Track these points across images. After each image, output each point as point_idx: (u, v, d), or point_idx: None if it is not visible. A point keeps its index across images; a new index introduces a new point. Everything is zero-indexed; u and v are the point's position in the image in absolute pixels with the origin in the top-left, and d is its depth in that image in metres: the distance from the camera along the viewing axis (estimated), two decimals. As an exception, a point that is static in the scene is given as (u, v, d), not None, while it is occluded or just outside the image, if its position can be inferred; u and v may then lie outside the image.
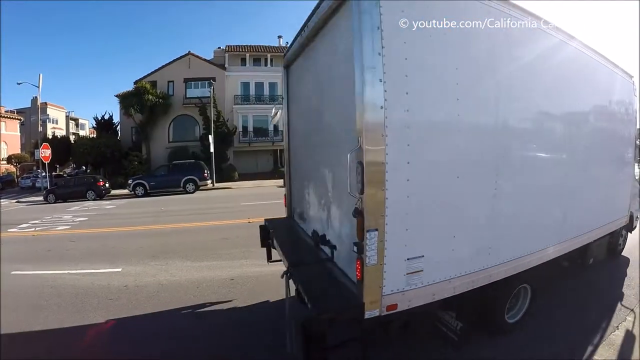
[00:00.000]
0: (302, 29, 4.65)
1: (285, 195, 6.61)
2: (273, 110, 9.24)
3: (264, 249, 6.27)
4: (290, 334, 3.87)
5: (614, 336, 4.57)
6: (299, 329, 3.10)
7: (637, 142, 7.96)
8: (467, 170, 3.63)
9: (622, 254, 8.04)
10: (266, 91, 39.66)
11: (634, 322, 4.89)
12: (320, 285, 3.63)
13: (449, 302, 3.71)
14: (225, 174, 33.66)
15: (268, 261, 6.24)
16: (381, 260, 3.06)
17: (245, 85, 39.37)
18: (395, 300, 3.22)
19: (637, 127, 7.61)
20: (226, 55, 40.16)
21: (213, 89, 33.18)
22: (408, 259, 3.23)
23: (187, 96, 37.48)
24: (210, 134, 30.78)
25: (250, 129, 38.98)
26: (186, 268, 8.05)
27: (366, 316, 3.10)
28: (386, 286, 3.14)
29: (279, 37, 45.66)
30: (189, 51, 38.75)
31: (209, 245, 9.85)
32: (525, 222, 4.36)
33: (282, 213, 7.02)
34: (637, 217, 8.35)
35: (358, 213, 3.00)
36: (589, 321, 5.01)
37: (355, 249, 3.09)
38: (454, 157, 3.55)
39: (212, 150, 30.17)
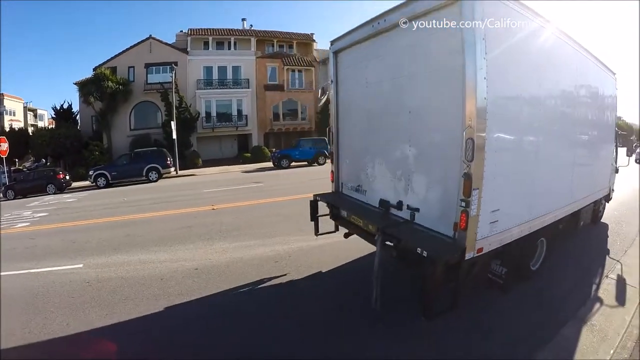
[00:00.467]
0: (373, 20, 5.42)
1: (332, 172, 7.26)
2: (320, 92, 10.50)
3: (225, 238, 8.26)
4: (376, 290, 4.58)
5: (609, 279, 6.13)
6: (428, 270, 4.04)
7: (616, 128, 9.76)
8: (527, 150, 5.02)
9: (602, 220, 9.87)
10: (229, 75, 39.12)
11: (621, 269, 6.54)
12: (421, 239, 4.46)
13: (498, 252, 4.78)
14: (188, 161, 33.32)
15: (316, 234, 7.15)
16: (478, 212, 4.06)
17: (208, 70, 38.57)
18: (482, 244, 4.27)
19: (616, 115, 9.43)
20: (189, 39, 38.94)
21: (175, 73, 32.20)
22: (492, 212, 4.31)
23: (149, 82, 36.30)
24: (173, 121, 30.16)
25: (214, 114, 38.33)
26: (149, 260, 7.90)
27: (466, 258, 4.10)
28: (478, 233, 4.17)
29: (243, 19, 45.33)
30: (150, 35, 37.45)
31: (172, 235, 9.73)
32: (549, 189, 5.73)
33: (247, 199, 10.14)
34: (612, 189, 10.15)
35: (467, 176, 3.95)
36: (588, 269, 6.60)
37: (462, 204, 4.03)
38: (521, 139, 4.88)
39: (174, 137, 29.70)
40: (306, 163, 30.30)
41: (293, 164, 29.81)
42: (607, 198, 9.97)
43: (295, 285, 6.24)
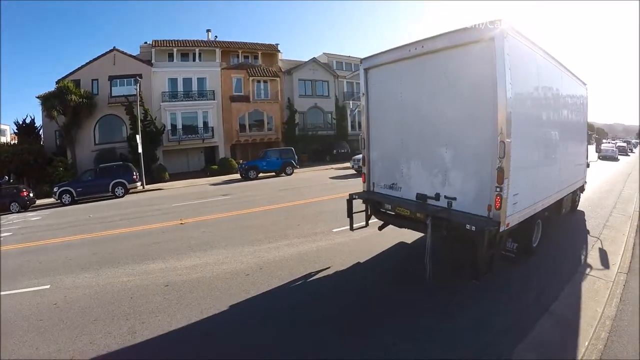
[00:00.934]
0: (410, 45, 6.78)
1: (363, 173, 8.37)
2: (351, 104, 11.99)
3: (194, 252, 9.01)
4: (430, 265, 6.00)
5: (593, 251, 8.01)
6: (484, 241, 5.37)
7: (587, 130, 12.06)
8: (533, 148, 6.82)
9: (578, 208, 11.97)
10: (195, 87, 38.81)
11: (602, 243, 8.47)
12: (467, 218, 5.83)
13: (511, 230, 6.16)
14: (155, 175, 32.91)
15: (351, 229, 8.33)
16: (507, 195, 5.49)
17: (173, 82, 38.09)
18: (509, 220, 5.72)
19: (587, 118, 11.60)
20: (153, 50, 38.29)
21: (139, 86, 31.67)
22: (514, 195, 5.75)
23: (113, 95, 35.18)
24: (138, 134, 29.46)
25: (180, 126, 37.84)
26: (117, 278, 7.81)
27: (500, 230, 5.53)
28: (507, 211, 5.60)
29: (208, 30, 45.09)
30: (114, 47, 36.32)
31: (141, 252, 9.66)
32: (546, 178, 7.57)
33: (215, 212, 11.90)
34: (585, 182, 12.30)
35: (500, 169, 5.41)
36: (575, 244, 8.58)
37: (497, 189, 5.48)
38: (530, 141, 6.61)
39: (140, 150, 29.04)
40: (274, 174, 30.65)
41: (261, 175, 30.03)
42: (582, 189, 12.20)
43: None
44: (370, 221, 8.26)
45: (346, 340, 4.94)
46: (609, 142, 54.25)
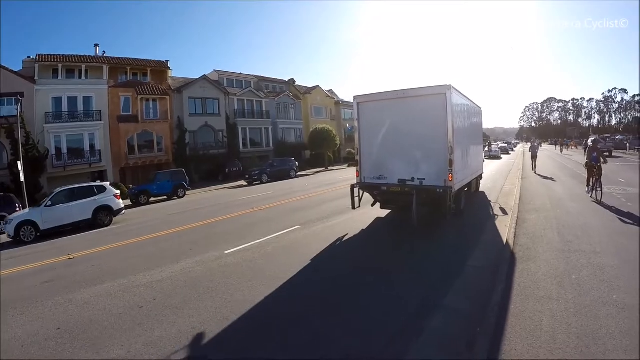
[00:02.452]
0: (395, 92, 11.89)
1: (357, 171, 12.90)
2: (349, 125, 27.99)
3: (84, 287, 8.78)
4: (416, 217, 11.06)
5: (496, 208, 14.44)
6: (447, 196, 10.86)
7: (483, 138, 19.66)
8: (461, 148, 12.49)
9: (480, 189, 18.87)
10: (80, 106, 35.94)
11: (500, 205, 15.10)
12: (433, 188, 11.06)
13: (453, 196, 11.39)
14: None
15: (353, 208, 13.16)
16: (453, 173, 10.84)
17: (58, 101, 34.73)
18: (455, 187, 11.25)
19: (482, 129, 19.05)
20: (36, 66, 34.23)
21: (21, 105, 27.74)
22: (455, 173, 11.09)
23: None
24: (20, 160, 26.09)
25: (65, 150, 34.46)
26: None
27: (453, 191, 10.95)
28: (454, 181, 10.92)
29: (96, 45, 42.01)
30: None
31: (28, 294, 8.69)
32: (466, 165, 13.54)
33: (105, 243, 13.58)
34: (483, 171, 19.96)
35: (450, 160, 10.75)
36: (484, 208, 14.92)
37: (449, 170, 10.74)
38: (460, 144, 12.14)
39: (22, 179, 25.55)
40: (166, 197, 30.30)
41: (152, 199, 29.52)
42: (481, 176, 19.42)
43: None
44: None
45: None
46: (497, 144, 73.56)
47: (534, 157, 29.49)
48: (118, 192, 20.76)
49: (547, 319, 5.52)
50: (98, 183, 20.99)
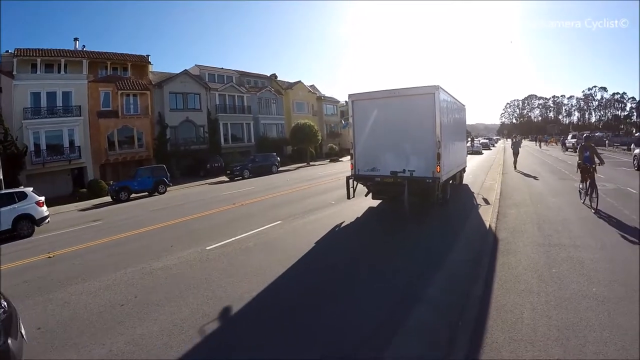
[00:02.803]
0: (388, 91, 13.03)
1: (352, 163, 13.94)
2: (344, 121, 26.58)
3: (65, 287, 8.50)
4: (407, 207, 12.29)
5: (478, 198, 15.95)
6: (435, 185, 12.08)
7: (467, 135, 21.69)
8: (448, 142, 13.85)
9: (463, 182, 20.20)
10: (60, 102, 35.13)
11: (482, 195, 16.68)
12: (422, 179, 12.20)
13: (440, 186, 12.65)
14: None
15: (348, 197, 14.09)
16: (441, 165, 12.06)
17: (36, 96, 33.82)
18: (442, 177, 12.44)
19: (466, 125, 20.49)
20: (15, 60, 33.13)
21: None
22: (444, 164, 12.43)
23: None
24: None
25: (44, 147, 33.67)
26: None
27: (440, 182, 12.12)
28: (441, 172, 12.18)
29: (76, 39, 40.50)
30: None
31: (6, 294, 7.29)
32: (452, 159, 15.03)
33: (85, 241, 13.41)
34: (466, 165, 21.31)
35: (438, 153, 11.92)
36: (468, 196, 16.84)
37: (437, 162, 11.90)
38: (447, 139, 13.44)
39: (0, 176, 25.05)
40: (147, 193, 30.10)
41: (133, 195, 29.20)
42: (464, 170, 20.67)
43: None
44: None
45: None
46: (479, 140, 74.57)
47: (515, 154, 28.96)
48: (42, 198, 18.59)
49: (527, 312, 5.67)
50: (19, 189, 19.01)
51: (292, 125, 53.64)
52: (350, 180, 13.92)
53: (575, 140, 47.27)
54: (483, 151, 56.99)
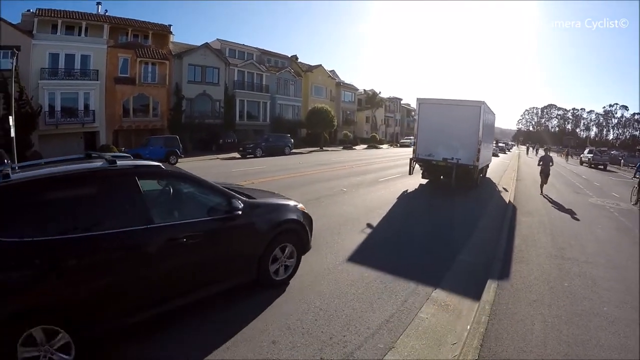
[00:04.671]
0: (449, 99, 17.89)
1: (413, 150, 18.52)
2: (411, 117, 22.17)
3: None
4: (453, 182, 16.73)
5: (499, 186, 19.13)
6: (474, 170, 16.98)
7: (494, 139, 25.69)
8: (486, 142, 18.29)
9: (487, 176, 22.91)
10: (78, 64, 34.68)
11: (501, 186, 19.70)
12: (466, 165, 16.55)
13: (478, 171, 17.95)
14: None
15: (410, 173, 18.69)
16: (478, 157, 16.52)
17: (55, 57, 33.35)
18: (480, 166, 17.48)
19: (494, 131, 24.57)
20: (35, 20, 32.70)
21: (17, 59, 26.83)
22: (481, 158, 16.97)
23: None
24: (11, 115, 25.29)
25: (58, 108, 33.40)
26: None
27: (478, 168, 17.21)
28: (479, 162, 16.83)
29: (98, 3, 39.49)
30: None
31: None
32: (485, 154, 19.05)
33: None
34: (490, 161, 24.90)
35: (478, 149, 15.75)
36: (492, 185, 20.04)
37: (477, 155, 16.36)
38: (484, 140, 17.72)
39: (12, 134, 24.93)
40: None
41: None
42: (488, 166, 23.18)
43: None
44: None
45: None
46: (496, 144, 72.75)
47: (545, 174, 18.65)
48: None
49: (538, 324, 5.53)
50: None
51: (309, 109, 52.95)
52: (412, 161, 18.45)
53: (592, 155, 45.89)
54: (499, 154, 57.14)
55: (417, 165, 18.60)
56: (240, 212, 5.29)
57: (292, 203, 6.55)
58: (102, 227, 4.18)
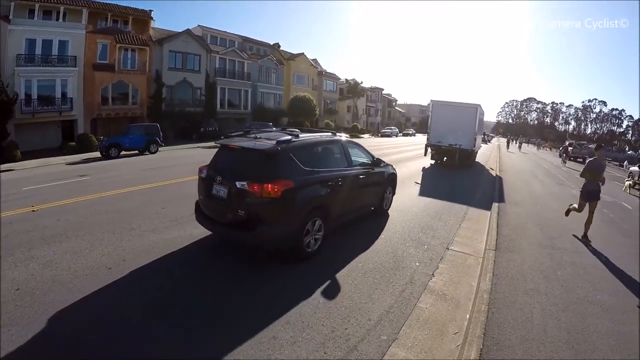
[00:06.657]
0: (455, 103, 24.27)
1: (427, 138, 24.64)
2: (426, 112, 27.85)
3: (49, 244, 7.69)
4: (457, 159, 23.13)
5: (487, 166, 25.44)
6: (471, 153, 23.86)
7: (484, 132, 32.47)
8: (480, 133, 23.89)
9: (476, 160, 27.26)
10: (55, 50, 33.34)
11: (488, 165, 26.14)
12: (467, 149, 22.92)
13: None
14: (6, 154, 27.13)
15: (425, 155, 25.53)
16: (475, 144, 23.46)
17: (31, 43, 31.93)
18: (475, 150, 24.76)
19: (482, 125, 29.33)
20: (12, 4, 30.84)
21: None
22: (476, 144, 24.01)
23: None
24: None
25: (35, 96, 32.09)
26: None
27: (475, 152, 24.96)
28: (475, 148, 23.95)
29: None
30: None
31: None
32: (478, 142, 26.12)
33: (73, 196, 12.58)
34: (478, 150, 28.69)
35: (474, 138, 22.80)
36: (482, 166, 26.30)
37: (474, 142, 22.98)
38: (478, 132, 25.14)
39: None
40: (137, 152, 29.37)
41: (123, 153, 28.29)
42: (477, 151, 27.31)
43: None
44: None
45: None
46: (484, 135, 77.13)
47: (590, 196, 10.58)
48: None
49: (537, 312, 5.76)
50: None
51: (291, 97, 52.90)
52: (426, 146, 24.73)
53: (572, 149, 48.39)
54: (481, 144, 58.70)
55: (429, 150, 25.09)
56: (376, 168, 9.65)
57: (390, 165, 10.88)
58: (335, 167, 7.99)
